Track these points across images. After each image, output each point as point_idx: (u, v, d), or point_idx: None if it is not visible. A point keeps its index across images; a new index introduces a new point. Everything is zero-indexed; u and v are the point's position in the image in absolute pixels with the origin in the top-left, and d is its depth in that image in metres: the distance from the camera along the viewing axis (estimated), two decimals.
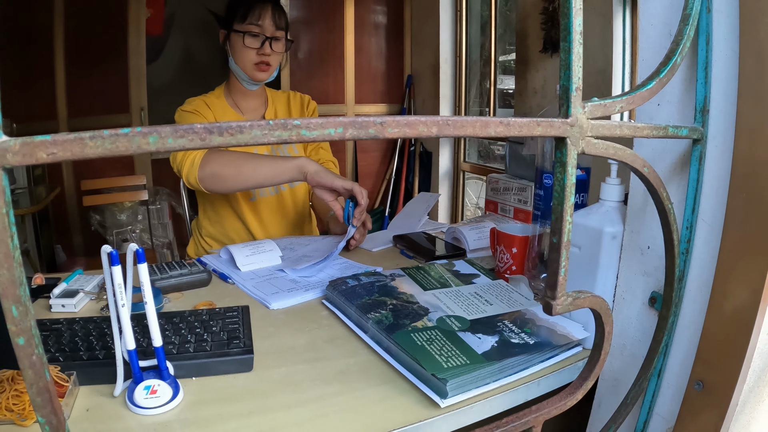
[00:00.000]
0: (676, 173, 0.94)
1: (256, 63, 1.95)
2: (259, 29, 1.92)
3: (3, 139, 0.39)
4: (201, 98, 2.05)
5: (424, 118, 0.50)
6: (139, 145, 0.42)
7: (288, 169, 1.72)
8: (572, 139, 0.62)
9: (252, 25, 1.92)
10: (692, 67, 0.89)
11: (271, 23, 1.93)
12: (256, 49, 1.94)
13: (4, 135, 0.40)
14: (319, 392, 0.98)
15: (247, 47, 1.94)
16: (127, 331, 0.92)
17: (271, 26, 1.93)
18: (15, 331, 0.42)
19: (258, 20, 1.91)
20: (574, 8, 0.60)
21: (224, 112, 2.05)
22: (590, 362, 0.82)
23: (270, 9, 1.93)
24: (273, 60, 1.98)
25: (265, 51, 1.94)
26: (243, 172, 1.74)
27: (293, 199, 2.17)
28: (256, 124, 0.44)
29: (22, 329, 0.42)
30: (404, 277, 1.37)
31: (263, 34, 1.92)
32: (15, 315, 0.41)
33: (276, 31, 1.95)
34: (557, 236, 0.65)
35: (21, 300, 0.41)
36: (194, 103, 2.02)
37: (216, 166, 1.76)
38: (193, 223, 2.31)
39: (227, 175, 1.76)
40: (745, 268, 0.84)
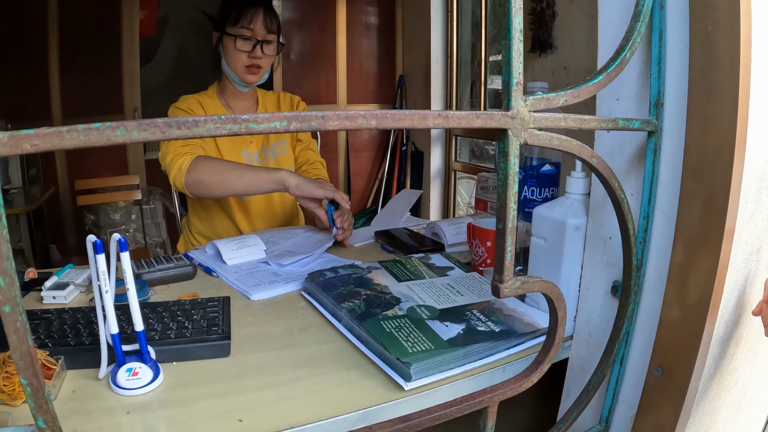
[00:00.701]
0: (634, 165, 0.98)
1: (248, 66, 1.99)
2: (251, 33, 1.95)
3: None
4: (195, 97, 2.09)
5: (363, 112, 0.55)
6: (108, 137, 0.47)
7: (268, 181, 1.77)
8: (513, 130, 0.66)
9: (243, 28, 1.95)
10: (647, 63, 0.93)
11: (262, 27, 1.96)
12: (248, 52, 1.97)
13: None
14: (290, 376, 1.02)
15: (238, 50, 1.97)
16: (111, 316, 0.97)
17: (263, 30, 1.97)
18: (1, 300, 0.46)
19: (250, 24, 1.95)
20: (514, 8, 0.64)
21: (216, 111, 2.09)
22: (545, 347, 0.85)
23: (262, 13, 1.96)
24: (264, 63, 2.01)
25: (256, 54, 1.97)
26: (225, 180, 1.79)
27: (281, 198, 2.21)
28: (209, 118, 0.49)
29: (8, 298, 0.47)
30: (381, 269, 1.42)
31: (254, 37, 1.96)
32: (2, 285, 0.46)
33: (267, 34, 1.98)
34: (502, 222, 0.69)
35: (7, 272, 0.46)
36: (188, 101, 2.06)
37: (201, 173, 1.81)
38: (184, 221, 2.35)
39: (210, 183, 1.80)
40: (699, 256, 0.88)
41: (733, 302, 0.94)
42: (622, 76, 0.94)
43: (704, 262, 0.87)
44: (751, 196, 0.88)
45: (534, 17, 3.38)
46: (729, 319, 0.94)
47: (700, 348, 0.89)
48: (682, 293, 0.91)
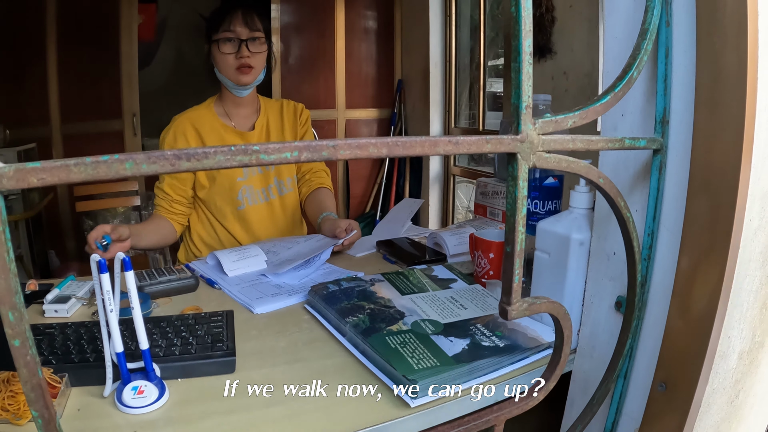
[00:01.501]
0: (639, 181, 0.98)
1: (237, 67, 1.99)
2: (233, 34, 1.97)
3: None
4: (186, 115, 2.09)
5: (374, 140, 0.55)
6: (117, 170, 0.47)
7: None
8: (522, 154, 0.66)
9: (225, 32, 1.97)
10: (653, 80, 0.93)
11: (243, 26, 1.97)
12: (234, 53, 1.98)
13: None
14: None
15: (224, 54, 1.98)
16: (116, 335, 0.97)
17: (244, 29, 1.98)
18: (11, 334, 0.47)
19: (230, 26, 1.96)
20: (524, 30, 0.64)
21: (212, 124, 2.09)
22: (551, 365, 0.86)
23: (240, 14, 1.98)
24: (254, 62, 2.01)
25: (243, 53, 1.98)
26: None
27: (283, 206, 2.20)
28: (219, 150, 0.49)
29: (18, 332, 0.47)
30: (383, 282, 1.42)
31: (238, 38, 1.97)
32: (11, 320, 0.47)
33: (250, 32, 1.99)
34: (510, 246, 0.69)
35: (17, 306, 0.46)
36: (175, 124, 2.08)
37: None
38: (184, 229, 2.34)
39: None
40: (703, 273, 0.88)
41: (736, 317, 0.94)
42: (628, 92, 0.94)
43: (708, 278, 0.87)
44: (755, 213, 0.88)
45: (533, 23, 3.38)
46: (732, 334, 0.94)
47: (704, 364, 0.89)
48: (687, 309, 0.91)
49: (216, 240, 2.15)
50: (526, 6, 0.63)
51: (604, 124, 1.02)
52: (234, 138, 2.10)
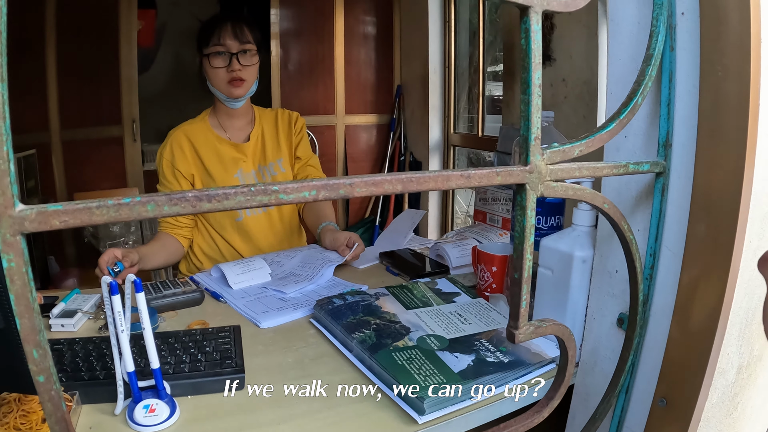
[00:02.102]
0: (641, 202, 1.00)
1: (229, 81, 2.00)
2: (224, 48, 1.97)
3: (21, 208, 0.46)
4: (182, 129, 2.10)
5: (389, 177, 0.57)
6: (139, 212, 0.49)
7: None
8: (531, 184, 0.68)
9: (216, 45, 1.97)
10: (656, 103, 0.94)
11: (233, 40, 1.98)
12: (225, 67, 1.99)
13: (21, 204, 0.46)
14: (305, 408, 1.04)
15: (215, 68, 2.00)
16: (127, 355, 0.98)
17: (234, 42, 1.98)
18: (36, 370, 0.49)
19: (219, 40, 1.97)
20: (533, 63, 0.66)
21: (206, 137, 2.09)
22: (555, 383, 0.88)
23: (229, 27, 1.98)
24: (246, 74, 2.02)
25: (234, 67, 1.98)
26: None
27: (281, 215, 2.21)
28: (240, 191, 0.50)
29: (42, 369, 0.49)
30: (388, 296, 1.43)
31: (228, 51, 1.98)
32: (36, 357, 0.49)
33: (240, 45, 1.99)
34: (518, 272, 0.71)
35: (41, 344, 0.49)
36: (171, 138, 2.09)
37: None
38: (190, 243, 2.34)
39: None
40: (704, 292, 0.90)
41: (735, 335, 0.96)
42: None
43: (709, 297, 0.89)
44: (754, 235, 0.89)
45: None
46: (731, 350, 0.96)
47: (704, 379, 0.91)
48: (687, 327, 0.94)
49: (216, 251, 2.16)
50: (535, 39, 0.65)
51: (608, 145, 1.04)
52: (229, 150, 2.11)
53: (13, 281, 0.46)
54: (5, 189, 0.44)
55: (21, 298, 0.47)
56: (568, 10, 0.71)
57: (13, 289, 0.47)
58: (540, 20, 0.66)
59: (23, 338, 0.48)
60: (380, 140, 4.92)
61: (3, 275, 0.76)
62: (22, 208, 0.46)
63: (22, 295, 0.47)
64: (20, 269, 0.46)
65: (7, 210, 0.45)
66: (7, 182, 0.44)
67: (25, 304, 0.47)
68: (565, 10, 0.70)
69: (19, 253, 0.46)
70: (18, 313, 0.47)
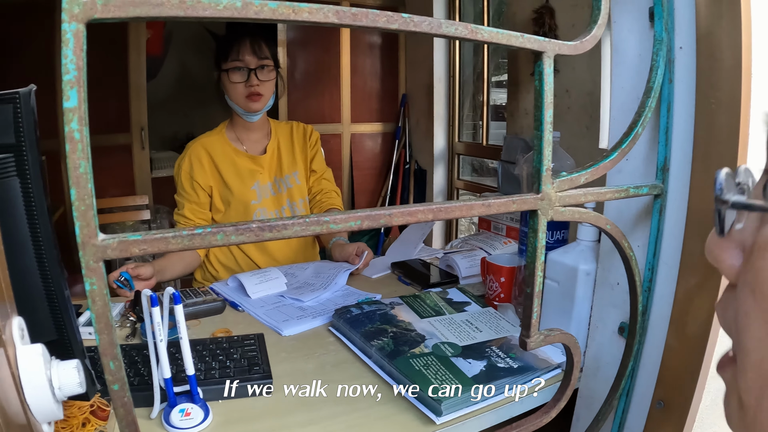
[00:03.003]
0: (640, 220, 1.08)
1: (247, 96, 2.06)
2: (242, 63, 2.03)
3: (102, 237, 0.53)
4: (200, 141, 2.16)
5: (422, 207, 0.65)
6: (210, 241, 0.56)
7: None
8: (542, 210, 0.76)
9: (235, 61, 2.04)
10: (656, 129, 1.02)
11: (251, 55, 2.04)
12: (243, 82, 2.05)
13: (102, 234, 0.53)
14: (329, 411, 1.12)
15: (233, 83, 2.05)
16: (164, 362, 1.06)
17: (253, 58, 2.04)
18: (111, 380, 0.57)
19: (238, 56, 2.03)
20: (546, 102, 0.74)
21: (223, 149, 2.15)
22: (562, 386, 0.96)
23: (248, 43, 2.04)
24: (263, 89, 2.07)
25: (252, 83, 2.04)
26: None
27: None
28: (297, 222, 0.58)
29: (117, 378, 0.57)
30: (402, 305, 1.51)
31: (247, 67, 2.04)
32: (112, 368, 0.56)
33: (259, 61, 2.05)
34: (530, 288, 0.78)
35: (117, 357, 0.56)
36: (189, 151, 2.14)
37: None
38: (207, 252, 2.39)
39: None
40: (698, 303, 0.99)
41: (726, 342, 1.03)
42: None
43: (702, 307, 0.98)
44: None
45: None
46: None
47: (697, 384, 0.99)
48: (683, 334, 1.02)
49: (233, 261, 2.22)
50: (548, 81, 0.73)
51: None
52: (246, 162, 2.16)
53: (94, 302, 0.53)
54: (89, 221, 0.52)
55: (101, 317, 0.54)
56: (577, 53, 0.79)
57: (94, 309, 0.54)
58: (552, 64, 0.74)
59: (102, 352, 0.55)
60: (385, 148, 4.96)
61: (62, 293, 0.84)
62: (104, 238, 0.53)
63: (103, 314, 0.54)
64: (101, 291, 0.54)
65: (91, 239, 0.52)
66: (91, 215, 0.52)
67: (105, 322, 0.54)
68: (575, 53, 0.78)
69: (100, 277, 0.53)
70: (98, 330, 0.54)
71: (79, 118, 0.49)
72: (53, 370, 0.69)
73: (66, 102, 0.49)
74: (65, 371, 0.70)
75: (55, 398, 0.69)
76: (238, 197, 2.13)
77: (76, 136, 0.50)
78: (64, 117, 0.50)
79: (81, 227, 0.51)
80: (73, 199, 0.51)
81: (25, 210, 0.75)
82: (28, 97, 0.74)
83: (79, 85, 0.49)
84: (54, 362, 0.70)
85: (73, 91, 0.49)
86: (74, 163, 0.50)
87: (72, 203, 0.51)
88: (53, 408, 0.68)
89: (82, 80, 0.49)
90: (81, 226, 0.51)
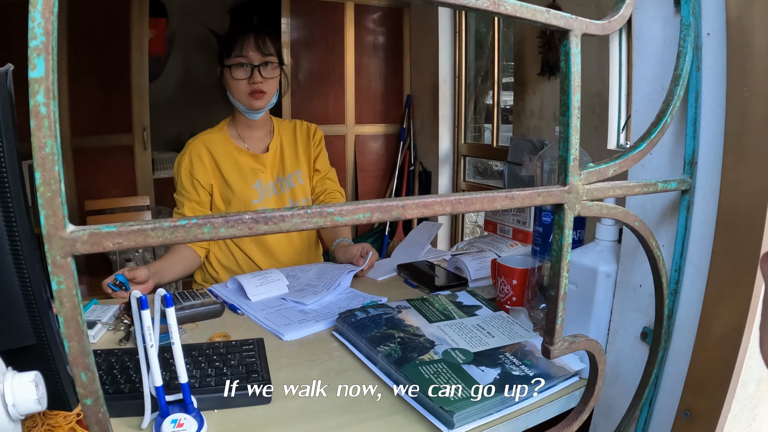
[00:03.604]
0: (666, 218, 1.01)
1: (250, 93, 2.00)
2: (246, 59, 1.98)
3: (71, 229, 0.46)
4: (201, 138, 2.10)
5: (439, 199, 0.58)
6: (195, 234, 0.49)
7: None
8: (569, 204, 0.69)
9: (238, 57, 1.98)
10: (682, 120, 0.95)
11: (255, 52, 1.98)
12: (247, 79, 1.99)
13: (71, 225, 0.46)
14: (334, 422, 1.05)
15: (236, 80, 2.00)
16: (155, 369, 0.99)
17: (257, 54, 1.98)
18: (83, 393, 0.49)
19: (242, 52, 1.97)
20: (573, 85, 0.67)
21: (225, 147, 2.10)
22: (585, 397, 0.89)
23: (252, 38, 1.98)
24: (266, 86, 2.02)
25: (255, 79, 1.98)
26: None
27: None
28: (296, 213, 0.51)
29: (90, 391, 0.49)
30: (410, 309, 1.44)
31: (250, 63, 1.98)
32: (84, 380, 0.49)
33: (262, 57, 1.99)
34: (555, 290, 0.71)
35: (89, 367, 0.49)
36: (190, 148, 2.08)
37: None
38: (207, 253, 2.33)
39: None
40: (728, 308, 0.91)
41: (756, 348, 0.97)
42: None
43: (733, 312, 0.90)
44: None
45: (543, 40, 3.41)
46: (752, 363, 0.97)
47: (727, 393, 0.92)
48: (712, 341, 0.95)
49: (234, 263, 2.16)
50: (575, 62, 0.66)
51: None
52: (248, 160, 2.11)
53: (62, 303, 0.46)
54: (56, 209, 0.45)
55: (71, 321, 0.47)
56: (605, 33, 0.72)
57: (62, 311, 0.47)
58: (579, 43, 0.67)
59: (72, 361, 0.48)
60: (390, 150, 4.93)
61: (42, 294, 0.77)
62: (73, 230, 0.46)
63: (72, 317, 0.47)
64: (70, 291, 0.47)
65: (58, 231, 0.45)
66: (58, 203, 0.45)
67: (74, 327, 0.47)
68: (603, 33, 0.71)
69: (69, 275, 0.46)
70: (67, 336, 0.47)
71: (46, 90, 0.42)
72: (6, 383, 0.61)
73: (32, 71, 0.42)
74: (20, 385, 0.62)
75: (10, 417, 0.60)
76: (239, 196, 2.07)
77: (42, 110, 0.42)
78: (29, 88, 0.43)
79: (46, 216, 0.44)
80: (38, 184, 0.43)
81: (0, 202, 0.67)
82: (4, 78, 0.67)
83: (47, 53, 0.42)
84: (9, 374, 0.62)
85: (40, 59, 0.42)
86: (39, 141, 0.43)
87: (36, 189, 0.43)
88: (7, 429, 0.60)
89: (50, 47, 0.42)
90: (46, 215, 0.44)
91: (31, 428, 0.94)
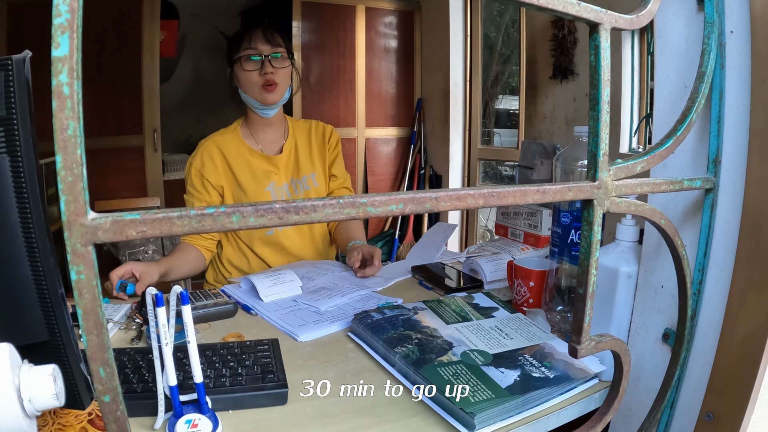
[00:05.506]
0: (689, 218, 0.99)
1: (262, 84, 1.98)
2: (255, 51, 1.96)
3: (93, 216, 0.44)
4: (213, 139, 2.09)
5: (472, 191, 0.56)
6: (223, 224, 0.48)
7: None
8: (598, 200, 0.68)
9: (247, 49, 1.96)
10: (706, 119, 0.94)
11: (264, 43, 1.96)
12: (258, 70, 1.97)
13: (93, 212, 0.45)
14: (351, 425, 1.03)
15: (247, 72, 1.97)
16: (170, 368, 0.97)
17: (266, 46, 1.97)
18: (101, 390, 0.47)
19: (251, 44, 1.96)
20: (603, 80, 0.66)
21: (237, 148, 2.08)
22: (609, 398, 0.87)
23: (260, 31, 1.97)
24: (278, 78, 1.99)
25: (267, 69, 1.96)
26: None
27: (311, 230, 2.18)
28: (328, 203, 0.50)
29: (108, 388, 0.47)
30: (427, 310, 1.42)
31: (260, 54, 1.96)
32: (102, 376, 0.47)
33: (272, 48, 1.98)
34: (583, 288, 0.70)
35: (108, 362, 0.47)
36: (202, 148, 2.07)
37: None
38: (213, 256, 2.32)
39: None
40: (752, 308, 0.90)
41: None
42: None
43: (758, 313, 0.89)
44: None
45: (555, 44, 3.40)
46: None
47: (751, 394, 0.91)
48: (736, 342, 0.93)
49: (246, 264, 2.14)
50: (605, 56, 0.65)
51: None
52: (261, 162, 2.09)
53: (81, 295, 0.45)
54: (77, 195, 0.43)
55: (90, 313, 0.45)
56: (633, 28, 0.70)
57: (81, 303, 0.45)
58: (609, 37, 0.66)
59: (90, 356, 0.46)
60: (400, 153, 4.92)
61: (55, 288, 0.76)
62: (94, 217, 0.44)
63: (92, 310, 0.45)
64: (90, 282, 0.45)
65: (78, 218, 0.43)
66: (80, 188, 0.43)
67: (94, 320, 0.45)
68: (631, 27, 0.70)
69: (89, 265, 0.44)
70: (86, 329, 0.45)
71: (70, 69, 0.40)
72: (23, 377, 0.59)
73: (55, 50, 0.40)
74: (38, 379, 0.60)
75: (25, 413, 0.58)
76: (251, 199, 2.05)
77: (65, 90, 0.41)
78: (52, 68, 0.41)
79: (67, 202, 0.42)
80: (59, 168, 0.41)
81: (15, 191, 0.66)
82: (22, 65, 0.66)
83: (72, 30, 0.40)
84: (25, 366, 0.60)
85: (65, 37, 0.40)
86: (62, 123, 0.41)
87: (57, 173, 0.42)
88: (22, 426, 0.58)
89: (75, 25, 0.41)
90: (67, 200, 0.42)
91: (41, 427, 0.92)
